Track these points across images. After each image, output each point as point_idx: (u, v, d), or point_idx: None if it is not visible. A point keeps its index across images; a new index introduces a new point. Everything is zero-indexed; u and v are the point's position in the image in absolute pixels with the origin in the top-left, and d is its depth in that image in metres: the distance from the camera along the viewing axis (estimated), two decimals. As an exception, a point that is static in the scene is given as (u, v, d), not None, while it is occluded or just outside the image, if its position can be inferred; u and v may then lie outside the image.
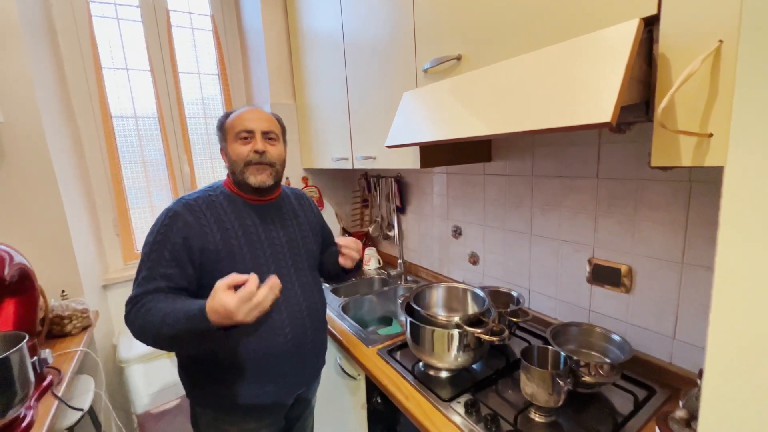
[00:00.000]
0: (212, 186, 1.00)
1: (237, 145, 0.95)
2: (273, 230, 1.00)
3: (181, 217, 0.89)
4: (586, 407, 0.86)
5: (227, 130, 0.97)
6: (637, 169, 0.93)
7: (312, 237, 1.10)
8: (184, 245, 0.87)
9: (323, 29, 1.53)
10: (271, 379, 0.95)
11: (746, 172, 0.34)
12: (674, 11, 0.55)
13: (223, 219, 0.93)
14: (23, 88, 1.25)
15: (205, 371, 0.93)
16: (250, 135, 0.95)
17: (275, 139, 0.99)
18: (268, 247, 0.97)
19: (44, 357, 1.04)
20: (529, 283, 1.26)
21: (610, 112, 0.52)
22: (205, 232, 0.89)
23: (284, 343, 0.95)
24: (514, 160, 1.23)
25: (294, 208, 1.09)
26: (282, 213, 1.04)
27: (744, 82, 0.34)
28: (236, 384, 0.93)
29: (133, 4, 1.76)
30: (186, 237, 0.87)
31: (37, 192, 1.31)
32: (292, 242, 1.03)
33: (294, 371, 0.99)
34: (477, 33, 0.87)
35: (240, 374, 0.92)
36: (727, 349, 0.37)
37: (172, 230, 0.88)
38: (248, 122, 0.95)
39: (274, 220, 1.01)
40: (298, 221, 1.07)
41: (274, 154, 0.97)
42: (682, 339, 0.90)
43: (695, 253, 0.86)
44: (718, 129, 0.52)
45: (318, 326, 1.05)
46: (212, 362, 0.92)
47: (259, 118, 0.97)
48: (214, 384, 0.93)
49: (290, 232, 1.03)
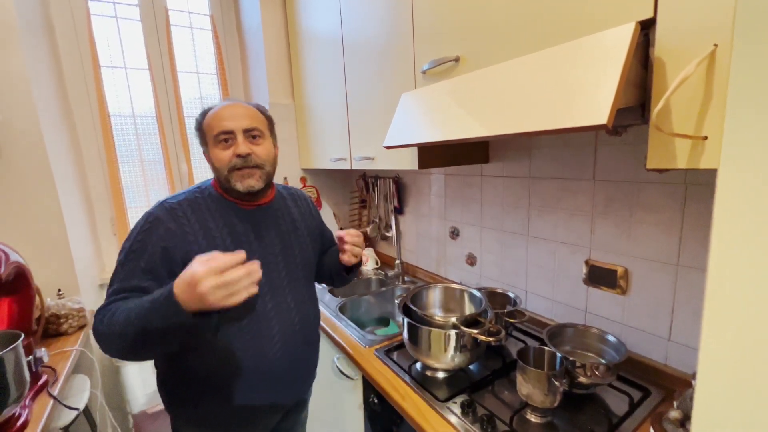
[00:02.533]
0: (200, 186, 0.90)
1: (218, 150, 0.84)
2: (266, 238, 0.90)
3: (162, 223, 0.80)
4: (582, 408, 0.87)
5: (205, 131, 0.86)
6: (634, 171, 0.94)
7: (310, 244, 1.01)
8: (164, 255, 0.78)
9: (322, 29, 1.54)
10: (259, 394, 0.89)
11: (739, 175, 0.35)
12: (670, 15, 0.55)
13: (209, 225, 0.84)
14: (20, 87, 1.24)
15: (186, 384, 0.86)
16: (230, 136, 0.83)
17: (260, 135, 0.87)
18: (260, 257, 0.85)
19: (40, 356, 1.04)
20: (525, 284, 1.26)
21: (606, 114, 0.52)
22: (188, 240, 0.80)
23: (274, 357, 0.88)
24: (511, 162, 1.24)
25: (291, 212, 0.99)
26: (277, 218, 0.95)
27: (737, 86, 0.34)
28: (220, 399, 0.86)
29: (132, 3, 1.76)
30: (166, 246, 0.78)
31: (34, 190, 1.30)
32: (287, 251, 0.94)
33: (284, 386, 0.93)
34: (475, 35, 0.88)
35: (225, 389, 0.85)
36: (719, 350, 0.38)
37: (151, 237, 0.78)
38: (226, 121, 0.83)
39: (268, 226, 0.92)
40: (295, 226, 0.98)
41: (261, 153, 0.86)
42: (677, 340, 0.91)
43: (690, 255, 0.86)
44: (712, 132, 0.52)
45: (310, 340, 0.98)
46: (195, 376, 0.85)
47: (238, 115, 0.84)
48: (195, 399, 0.87)
49: (285, 240, 0.94)
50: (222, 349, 0.83)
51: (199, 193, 0.88)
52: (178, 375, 0.87)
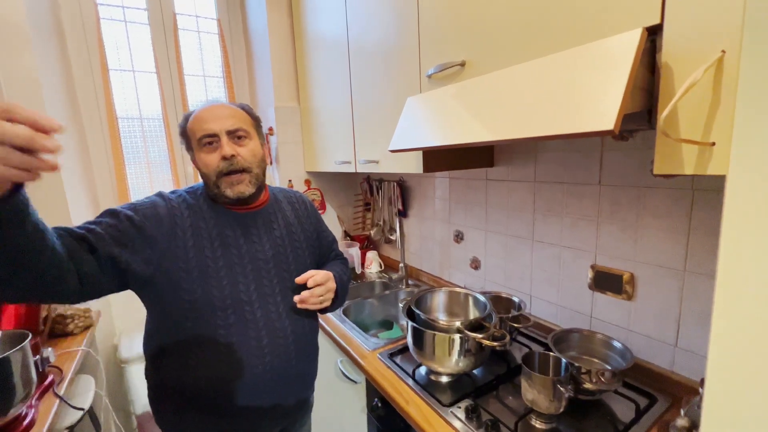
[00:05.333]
0: (193, 188, 0.88)
1: (203, 154, 0.81)
2: (257, 243, 0.86)
3: (159, 208, 0.79)
4: (587, 414, 0.86)
5: (189, 136, 0.83)
6: (640, 176, 0.93)
7: (307, 250, 0.96)
8: (141, 235, 0.74)
9: (328, 33, 1.55)
10: (247, 411, 0.83)
11: (748, 181, 0.35)
12: (677, 21, 0.55)
13: (200, 225, 0.82)
14: (30, 89, 1.26)
15: (171, 397, 0.84)
16: (214, 139, 0.80)
17: (245, 136, 0.84)
18: (249, 263, 0.84)
19: (46, 356, 1.05)
20: (530, 289, 1.25)
21: (613, 120, 0.52)
22: (177, 236, 0.78)
23: (262, 371, 0.82)
24: (516, 166, 1.24)
25: (286, 216, 0.95)
26: (270, 223, 0.91)
27: (746, 92, 0.34)
28: (205, 413, 0.82)
29: (140, 7, 1.78)
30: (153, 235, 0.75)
31: (42, 191, 1.31)
32: (279, 257, 0.89)
33: (274, 403, 0.87)
34: (481, 39, 0.88)
35: (210, 403, 0.81)
36: (728, 356, 0.37)
37: (141, 216, 0.75)
38: (208, 123, 0.80)
39: (260, 231, 0.88)
40: (290, 231, 0.93)
41: (247, 155, 0.83)
42: (683, 347, 0.90)
43: (697, 261, 0.86)
44: (720, 138, 0.52)
45: (306, 353, 0.92)
46: (180, 388, 0.81)
47: (220, 116, 0.81)
48: (180, 411, 0.83)
49: (278, 246, 0.90)
50: (207, 361, 0.80)
51: (193, 194, 0.86)
52: (163, 387, 0.85)
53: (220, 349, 0.80)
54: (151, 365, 0.87)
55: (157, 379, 0.86)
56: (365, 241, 2.08)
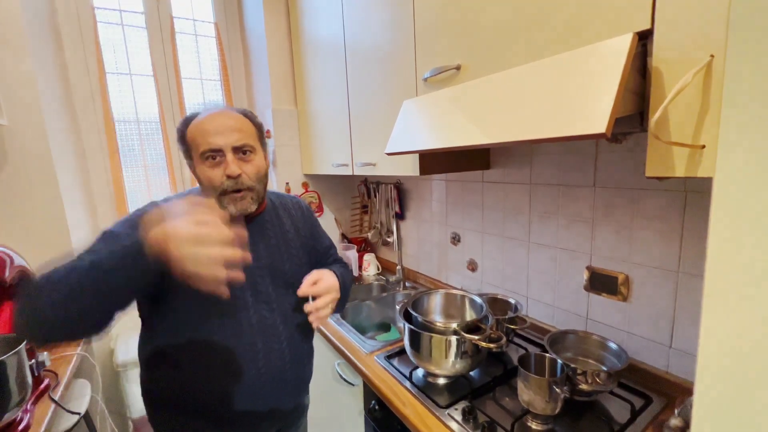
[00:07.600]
0: (185, 195, 0.85)
1: (204, 168, 0.78)
2: (253, 252, 0.85)
3: None
4: (583, 415, 0.86)
5: (190, 145, 0.80)
6: (634, 178, 0.94)
7: (303, 256, 0.96)
8: None
9: (325, 37, 1.56)
10: (242, 416, 0.83)
11: (734, 183, 0.35)
12: (667, 26, 0.56)
13: None
14: (27, 92, 1.26)
15: (165, 399, 0.84)
16: (218, 154, 0.77)
17: (251, 151, 0.81)
18: (245, 271, 0.82)
19: (42, 360, 1.04)
20: (526, 291, 1.26)
21: (605, 123, 0.53)
22: None
23: (257, 376, 0.82)
24: (512, 168, 1.25)
25: (282, 224, 0.94)
26: (266, 231, 0.90)
27: (730, 95, 0.35)
28: (198, 417, 0.82)
29: (137, 11, 1.78)
30: None
31: (39, 195, 1.31)
32: (275, 265, 0.89)
33: (269, 407, 0.87)
34: (476, 43, 0.89)
35: (203, 407, 0.81)
36: (717, 356, 0.38)
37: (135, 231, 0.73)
38: (213, 137, 0.76)
39: (256, 239, 0.87)
40: (286, 239, 0.93)
41: (252, 174, 0.81)
42: (678, 347, 0.91)
43: (691, 262, 0.86)
44: (710, 140, 0.53)
45: (300, 357, 0.92)
46: (174, 391, 0.82)
47: (227, 129, 0.77)
48: (175, 413, 0.84)
49: (274, 254, 0.89)
50: (202, 366, 0.80)
51: None
52: (158, 393, 0.85)
53: (214, 354, 0.80)
54: (146, 371, 0.87)
55: (152, 384, 0.86)
56: (362, 243, 2.09)
